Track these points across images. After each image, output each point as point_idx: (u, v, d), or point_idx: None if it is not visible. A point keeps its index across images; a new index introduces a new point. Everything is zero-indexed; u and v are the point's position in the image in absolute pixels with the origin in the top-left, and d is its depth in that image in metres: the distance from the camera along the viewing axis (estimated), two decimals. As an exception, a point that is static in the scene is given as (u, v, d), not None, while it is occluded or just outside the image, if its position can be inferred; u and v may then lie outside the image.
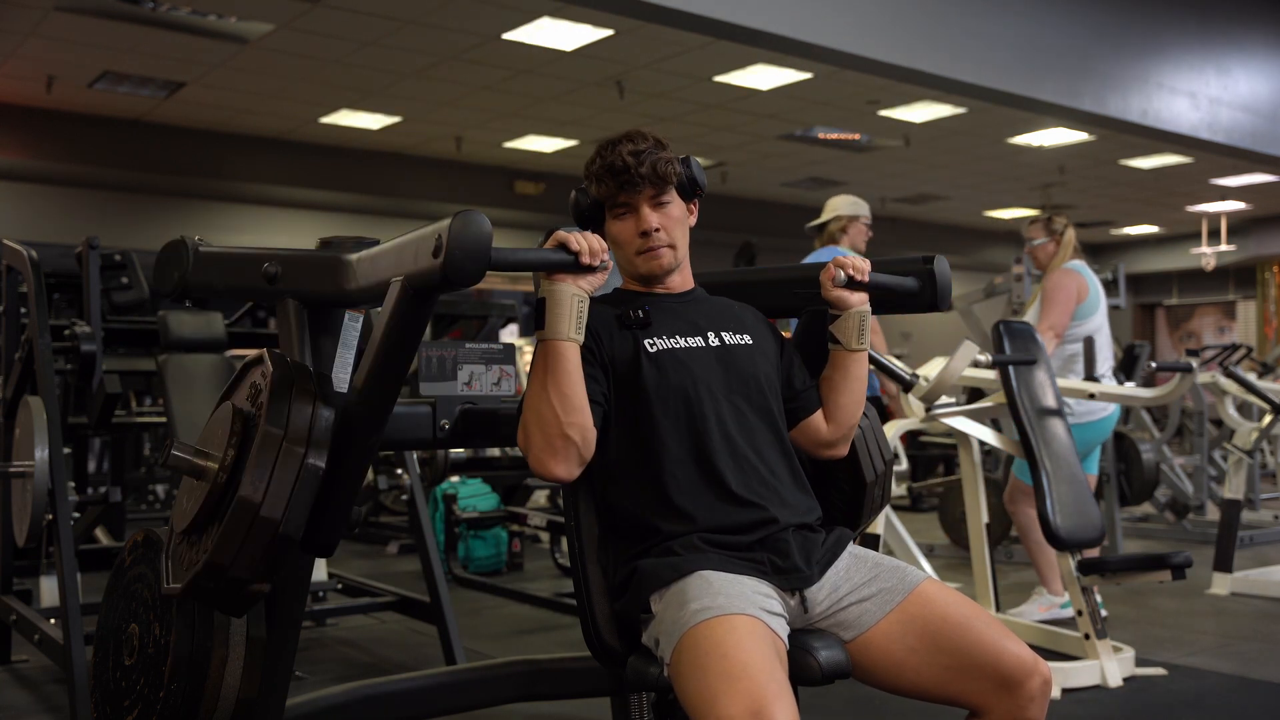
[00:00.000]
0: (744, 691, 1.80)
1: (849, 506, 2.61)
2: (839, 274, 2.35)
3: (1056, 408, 4.78)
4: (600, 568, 2.26)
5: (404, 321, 2.09)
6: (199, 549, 2.12)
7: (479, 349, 2.69)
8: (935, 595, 2.12)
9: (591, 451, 2.15)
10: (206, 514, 2.12)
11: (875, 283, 2.40)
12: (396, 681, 3.02)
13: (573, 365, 2.11)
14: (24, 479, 3.90)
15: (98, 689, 2.47)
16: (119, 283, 5.55)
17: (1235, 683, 4.38)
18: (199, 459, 2.16)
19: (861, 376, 2.43)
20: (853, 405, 2.42)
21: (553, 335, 2.10)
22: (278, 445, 2.06)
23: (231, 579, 2.07)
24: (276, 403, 2.10)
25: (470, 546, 6.81)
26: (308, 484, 2.07)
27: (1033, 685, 2.03)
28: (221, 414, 2.21)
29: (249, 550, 2.04)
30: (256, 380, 2.21)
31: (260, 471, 2.04)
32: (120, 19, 8.56)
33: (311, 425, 2.10)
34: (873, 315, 2.48)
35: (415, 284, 2.04)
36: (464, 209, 1.97)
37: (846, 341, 2.41)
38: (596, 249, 2.06)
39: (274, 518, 2.04)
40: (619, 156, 2.29)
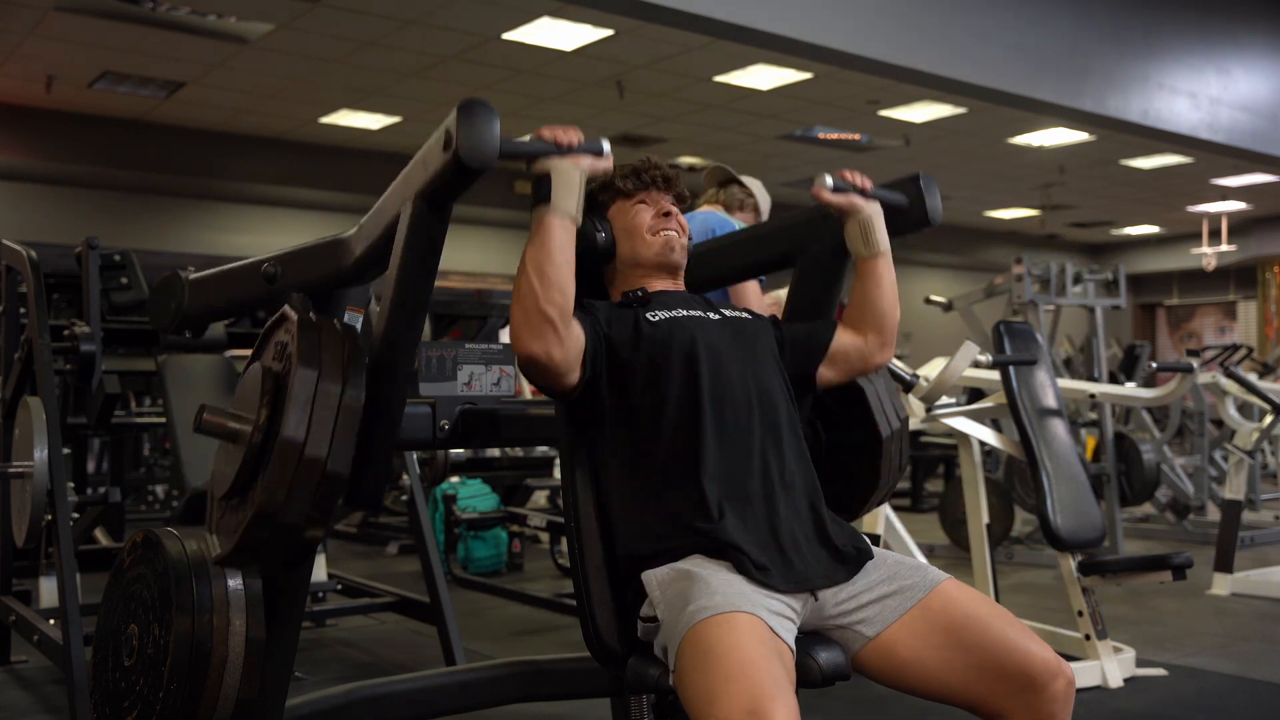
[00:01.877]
0: (741, 691, 1.78)
1: (868, 468, 2.63)
2: (826, 178, 2.43)
3: (1057, 408, 4.78)
4: (602, 569, 2.25)
5: (422, 238, 2.13)
6: (244, 509, 2.12)
7: (479, 349, 2.69)
8: (957, 594, 2.10)
9: (570, 346, 2.15)
10: (248, 472, 2.12)
11: (864, 190, 2.48)
12: (396, 682, 3.02)
13: (560, 244, 2.14)
14: (23, 479, 3.89)
15: (97, 690, 2.47)
16: (118, 283, 5.54)
17: (1236, 683, 4.38)
18: (233, 422, 2.15)
19: (887, 280, 2.49)
20: (888, 308, 2.48)
21: (557, 209, 2.15)
22: (314, 384, 2.06)
23: (284, 526, 2.07)
24: (307, 344, 2.10)
25: (470, 547, 6.80)
26: (349, 420, 2.08)
27: (1057, 687, 2.01)
28: (251, 375, 2.21)
29: (298, 493, 2.04)
30: (281, 338, 2.21)
31: (300, 412, 2.04)
32: (120, 19, 8.56)
33: (346, 361, 2.11)
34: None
35: (430, 193, 2.07)
36: (465, 101, 2.02)
37: (856, 250, 2.48)
38: (569, 129, 2.20)
39: (319, 456, 2.04)
40: (649, 161, 2.47)
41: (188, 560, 2.34)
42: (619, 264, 2.45)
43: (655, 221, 2.43)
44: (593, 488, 2.30)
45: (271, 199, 13.29)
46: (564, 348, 2.14)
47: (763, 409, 2.26)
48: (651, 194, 2.45)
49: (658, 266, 2.43)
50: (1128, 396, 6.51)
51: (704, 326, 2.32)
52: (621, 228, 2.44)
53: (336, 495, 2.10)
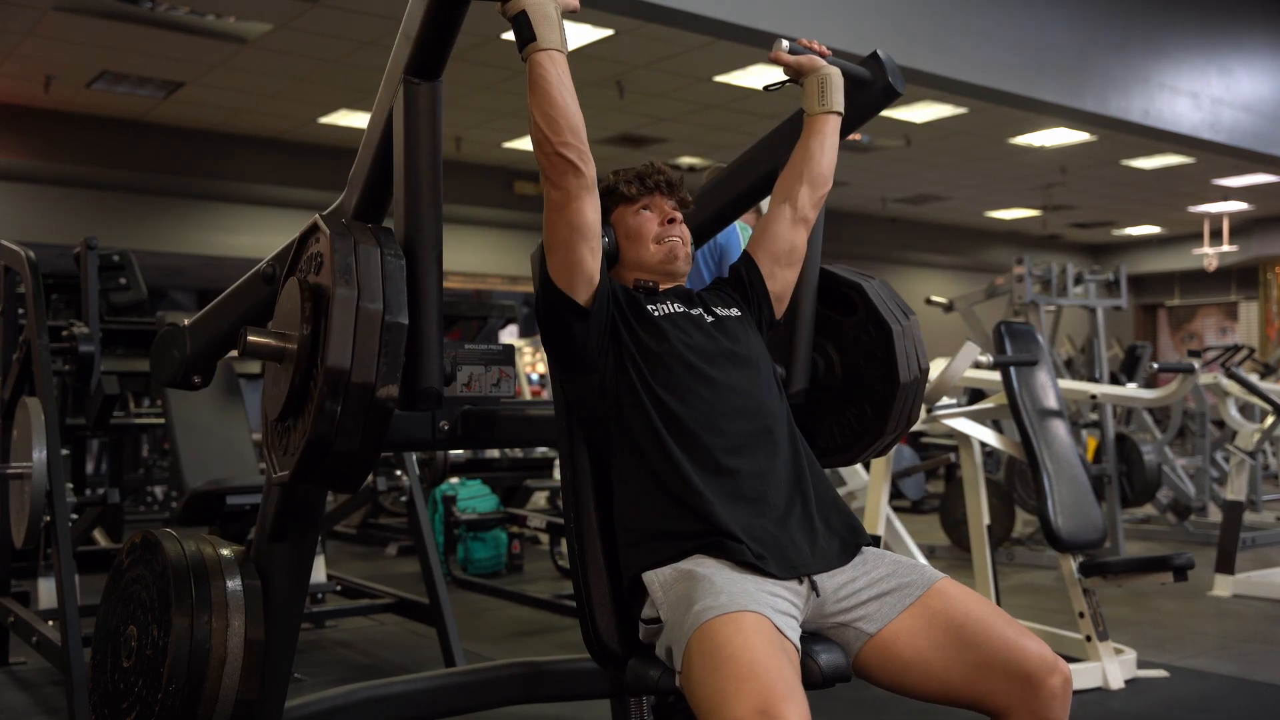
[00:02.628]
0: (752, 691, 1.78)
1: (878, 409, 2.62)
2: (783, 42, 2.50)
3: (1058, 409, 4.77)
4: (602, 570, 2.25)
5: (422, 110, 2.18)
6: (298, 432, 2.09)
7: (478, 350, 2.68)
8: (955, 592, 2.11)
9: (591, 171, 2.18)
10: (297, 395, 2.09)
11: (824, 55, 2.53)
12: (396, 684, 3.03)
13: (556, 80, 2.17)
14: (22, 480, 3.90)
15: (96, 691, 2.47)
16: (117, 283, 5.53)
17: (1237, 685, 4.38)
18: (277, 340, 2.12)
19: (830, 140, 2.54)
20: (826, 168, 2.53)
21: (543, 43, 2.16)
22: (354, 307, 2.02)
23: (338, 454, 2.04)
24: (342, 260, 2.06)
25: (470, 548, 6.80)
26: (394, 342, 2.05)
27: (1054, 683, 2.01)
28: (289, 291, 2.17)
29: (348, 421, 2.02)
30: (314, 249, 2.17)
31: (343, 338, 2.01)
32: (118, 19, 8.54)
33: (384, 278, 2.07)
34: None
35: (419, 58, 2.19)
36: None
37: (809, 106, 2.53)
38: None
39: (367, 381, 2.01)
40: (652, 166, 2.48)
41: (186, 561, 2.34)
42: (622, 268, 2.46)
43: (660, 229, 2.43)
44: (592, 489, 2.30)
45: (270, 199, 13.27)
46: (587, 180, 2.17)
47: (754, 410, 2.27)
48: (655, 199, 2.46)
49: (661, 274, 2.44)
50: (1129, 397, 6.51)
51: (700, 329, 2.34)
52: (625, 233, 2.45)
53: (388, 417, 2.06)
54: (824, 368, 2.71)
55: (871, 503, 4.87)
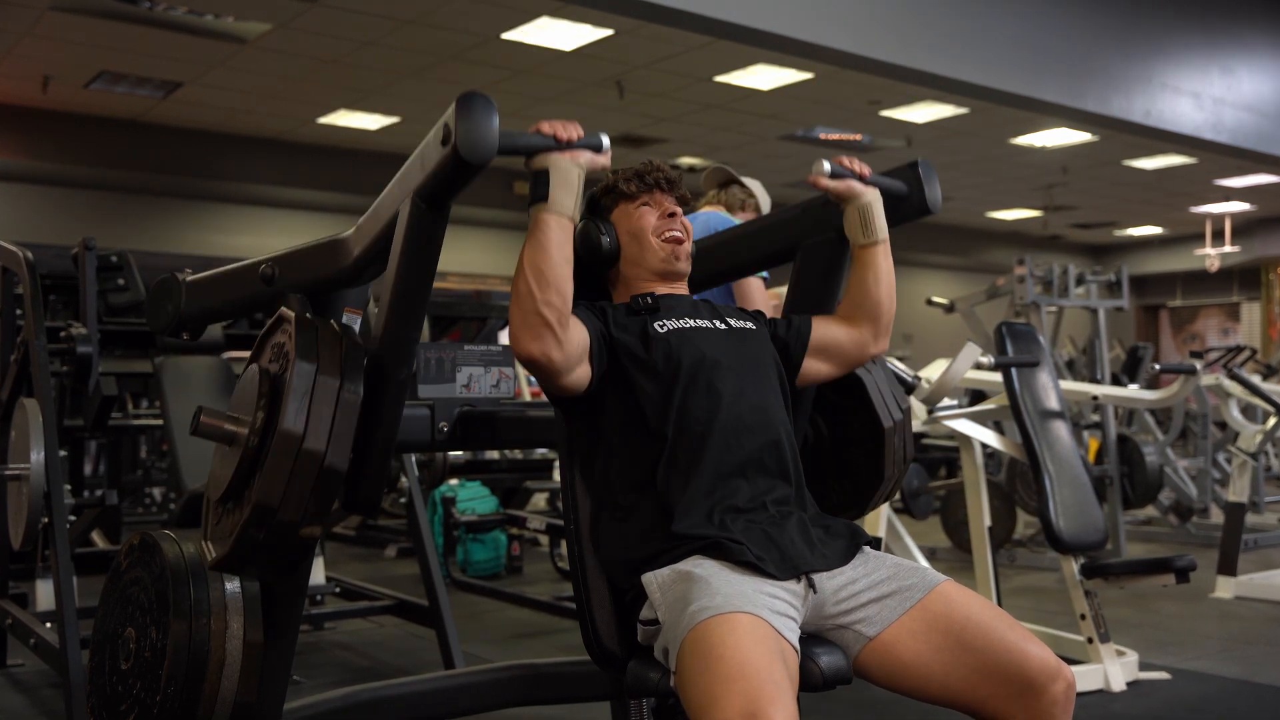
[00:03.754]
0: (740, 693, 1.77)
1: (871, 460, 2.62)
2: (824, 164, 2.43)
3: (1059, 410, 4.76)
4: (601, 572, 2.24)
5: (420, 238, 2.11)
6: (240, 510, 2.10)
7: (478, 351, 2.67)
8: (957, 595, 2.09)
9: (569, 347, 2.14)
10: (242, 477, 2.10)
11: (863, 176, 2.48)
12: (395, 686, 3.02)
13: (558, 243, 2.12)
14: (20, 482, 3.89)
15: (94, 693, 2.46)
16: (115, 284, 5.52)
17: (1239, 687, 4.37)
18: (230, 424, 2.13)
19: (884, 269, 2.49)
20: (884, 298, 2.48)
21: (555, 207, 2.13)
22: (312, 378, 2.05)
23: (281, 523, 2.05)
24: (305, 340, 2.09)
25: (469, 550, 6.79)
26: (347, 415, 2.06)
27: (1056, 690, 1.99)
28: (248, 377, 2.19)
29: (295, 489, 2.02)
30: (279, 340, 2.19)
31: (298, 406, 2.03)
32: (117, 18, 8.53)
33: (344, 357, 2.10)
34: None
35: (428, 191, 2.06)
36: (464, 94, 2.02)
37: (854, 236, 2.48)
38: (569, 124, 2.16)
39: (318, 449, 2.02)
40: (651, 164, 2.47)
41: (185, 563, 2.33)
42: (623, 267, 2.45)
43: (660, 224, 2.42)
44: (591, 494, 2.29)
45: (269, 199, 13.27)
46: (563, 349, 2.12)
47: (762, 422, 2.26)
48: (655, 196, 2.45)
49: (663, 273, 2.43)
50: (1130, 398, 6.50)
51: (709, 338, 2.32)
52: (626, 231, 2.44)
53: (335, 491, 2.07)
54: (813, 439, 2.71)
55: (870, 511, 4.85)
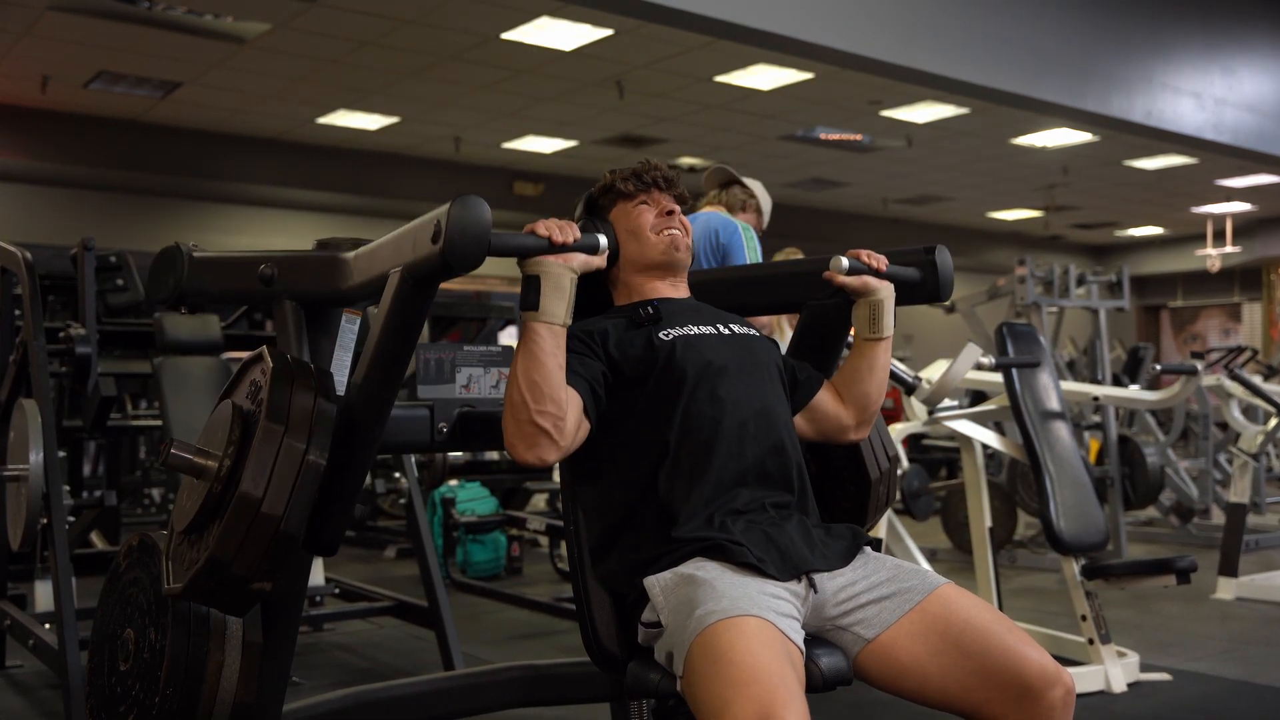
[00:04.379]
0: (753, 697, 1.76)
1: (854, 506, 2.62)
2: (842, 261, 2.40)
3: (1060, 410, 4.75)
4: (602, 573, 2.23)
5: (404, 312, 2.09)
6: (200, 548, 2.10)
7: (477, 351, 2.66)
8: (956, 598, 2.08)
9: (567, 440, 2.13)
10: (207, 513, 2.10)
11: (879, 271, 2.45)
12: (394, 687, 3.02)
13: (550, 351, 2.09)
14: (19, 482, 3.88)
15: (93, 695, 2.45)
16: (114, 284, 5.52)
17: (1240, 688, 4.36)
18: (199, 458, 2.13)
19: (880, 364, 2.47)
20: (873, 391, 2.47)
21: (547, 317, 2.09)
22: (278, 441, 2.04)
23: (232, 576, 2.05)
24: (277, 397, 2.08)
25: (469, 551, 6.78)
26: (309, 480, 2.06)
27: (1055, 695, 1.98)
28: (221, 413, 2.19)
29: (250, 548, 2.02)
30: (256, 378, 2.19)
31: (261, 467, 2.03)
32: (116, 18, 8.53)
33: (313, 420, 2.08)
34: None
35: (415, 273, 2.03)
36: (463, 196, 1.98)
37: (860, 329, 2.47)
38: (565, 225, 2.11)
39: (275, 514, 2.02)
40: (648, 163, 2.48)
41: (184, 564, 2.32)
42: (623, 266, 2.45)
43: (659, 220, 2.43)
44: (594, 496, 2.28)
45: (269, 200, 13.27)
46: (560, 448, 2.12)
47: (765, 427, 2.26)
48: (653, 194, 2.45)
49: (663, 267, 2.43)
50: (1131, 399, 6.48)
51: (713, 344, 2.31)
52: (625, 229, 2.44)
53: (289, 553, 2.07)
54: None
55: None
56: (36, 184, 12.05)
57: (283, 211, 13.34)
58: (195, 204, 13.07)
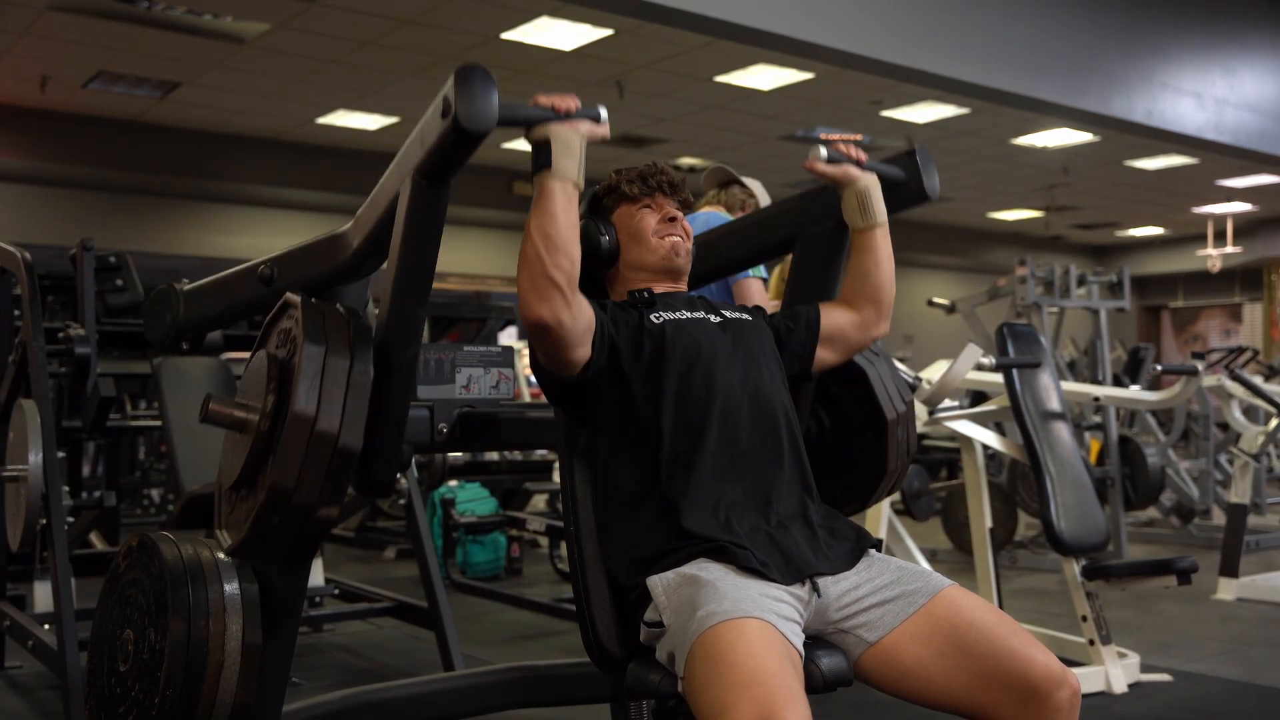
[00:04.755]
0: (754, 700, 1.76)
1: (874, 452, 2.62)
2: (820, 150, 2.46)
3: (1060, 411, 4.75)
4: (602, 573, 2.23)
5: (423, 217, 2.14)
6: (253, 498, 2.10)
7: (477, 352, 2.66)
8: (961, 600, 2.07)
9: (575, 309, 2.15)
10: (255, 462, 2.11)
11: (860, 162, 2.49)
12: (394, 688, 3.02)
13: (563, 208, 2.13)
14: (18, 483, 3.88)
15: (92, 695, 2.45)
16: (114, 285, 5.50)
17: (1241, 689, 4.36)
18: (239, 411, 2.14)
19: (883, 253, 2.50)
20: (885, 281, 2.50)
21: (559, 173, 2.14)
22: (321, 359, 2.06)
23: (296, 508, 2.05)
24: (311, 326, 2.10)
25: (469, 551, 6.78)
26: (359, 393, 2.08)
27: (1061, 697, 1.97)
28: (256, 364, 2.20)
29: (310, 471, 2.04)
30: (285, 325, 2.21)
31: (309, 386, 2.04)
32: (115, 18, 8.53)
33: (352, 336, 2.11)
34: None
35: (428, 166, 2.08)
36: (460, 68, 2.02)
37: (853, 221, 2.50)
38: (566, 96, 2.18)
39: (331, 429, 2.03)
40: (654, 166, 2.48)
41: (184, 565, 2.32)
42: (622, 267, 2.45)
43: (660, 226, 2.43)
44: (592, 492, 2.28)
45: (268, 200, 13.26)
46: (572, 314, 2.13)
47: (761, 414, 2.26)
48: (657, 198, 2.46)
49: (662, 271, 2.43)
50: (1132, 399, 6.48)
51: (705, 330, 2.32)
52: (626, 231, 2.44)
53: (349, 471, 2.08)
54: (815, 432, 2.71)
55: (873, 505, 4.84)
56: (35, 184, 12.04)
57: (282, 211, 13.33)
58: (194, 204, 13.07)
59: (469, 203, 13.03)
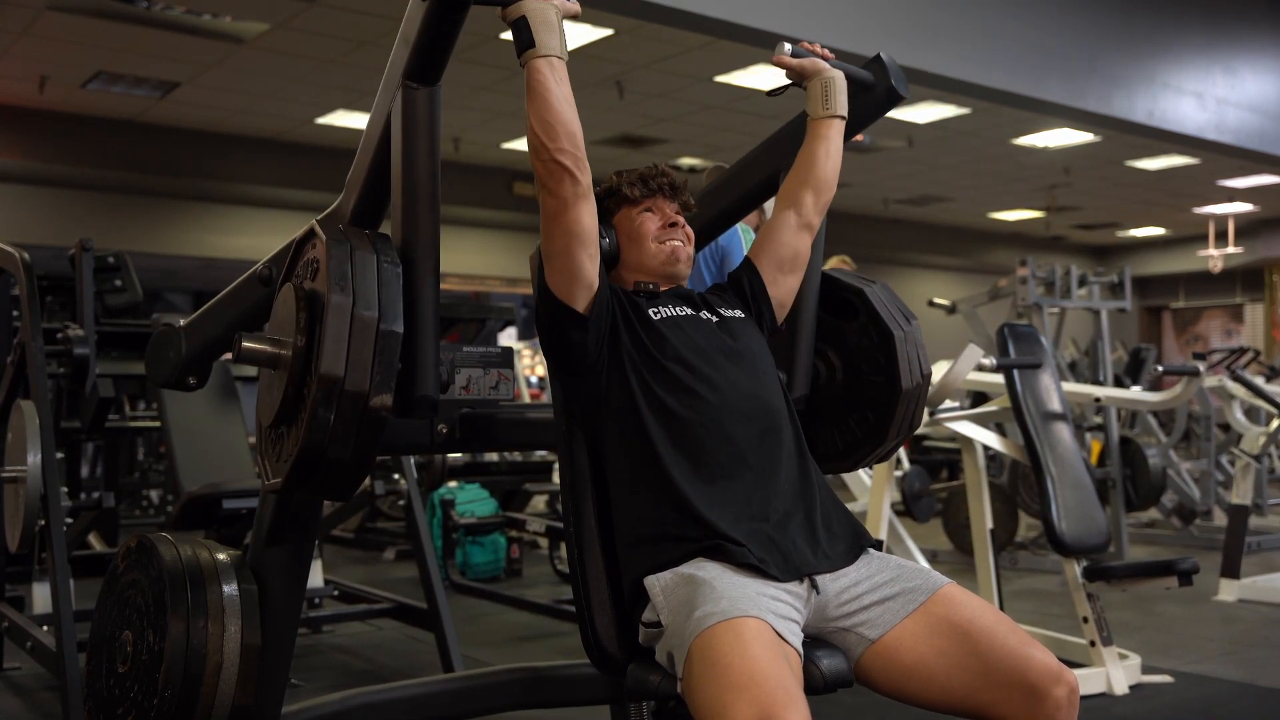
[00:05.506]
0: (752, 700, 1.76)
1: (885, 374, 2.60)
2: (785, 45, 2.50)
3: (1061, 412, 4.74)
4: (602, 574, 2.22)
5: (420, 115, 2.20)
6: (291, 439, 2.09)
7: (477, 352, 2.66)
8: (960, 598, 2.08)
9: (588, 174, 2.18)
10: (291, 402, 2.09)
11: (826, 59, 2.54)
12: (393, 689, 3.02)
13: (554, 86, 2.17)
14: (16, 484, 3.87)
15: (91, 696, 2.45)
16: (112, 285, 5.49)
17: (1242, 690, 4.35)
18: (272, 347, 2.12)
19: (835, 146, 2.54)
20: (830, 173, 2.53)
21: (542, 49, 2.17)
22: (349, 313, 2.02)
23: (331, 461, 2.04)
24: (338, 265, 2.06)
25: (468, 552, 6.77)
26: (388, 351, 2.05)
27: (1059, 694, 1.97)
28: (285, 298, 2.17)
29: (343, 427, 2.02)
30: (309, 255, 2.18)
31: (336, 344, 2.01)
32: (114, 18, 8.52)
33: (380, 283, 2.07)
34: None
35: (417, 62, 2.20)
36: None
37: (813, 110, 2.54)
38: None
39: (361, 389, 2.01)
40: (655, 168, 2.48)
41: (182, 566, 2.32)
42: (622, 269, 2.45)
43: (661, 231, 2.43)
44: (592, 492, 2.28)
45: (267, 200, 13.25)
46: (581, 185, 2.16)
47: (759, 413, 2.25)
48: (658, 201, 2.45)
49: (661, 276, 2.43)
50: (1133, 400, 6.48)
51: (702, 328, 2.32)
52: (627, 234, 2.44)
53: (382, 424, 2.06)
54: (825, 373, 2.69)
55: (874, 506, 4.84)
56: (34, 184, 12.03)
57: (281, 211, 13.31)
58: (194, 204, 13.06)
59: (469, 203, 13.01)
